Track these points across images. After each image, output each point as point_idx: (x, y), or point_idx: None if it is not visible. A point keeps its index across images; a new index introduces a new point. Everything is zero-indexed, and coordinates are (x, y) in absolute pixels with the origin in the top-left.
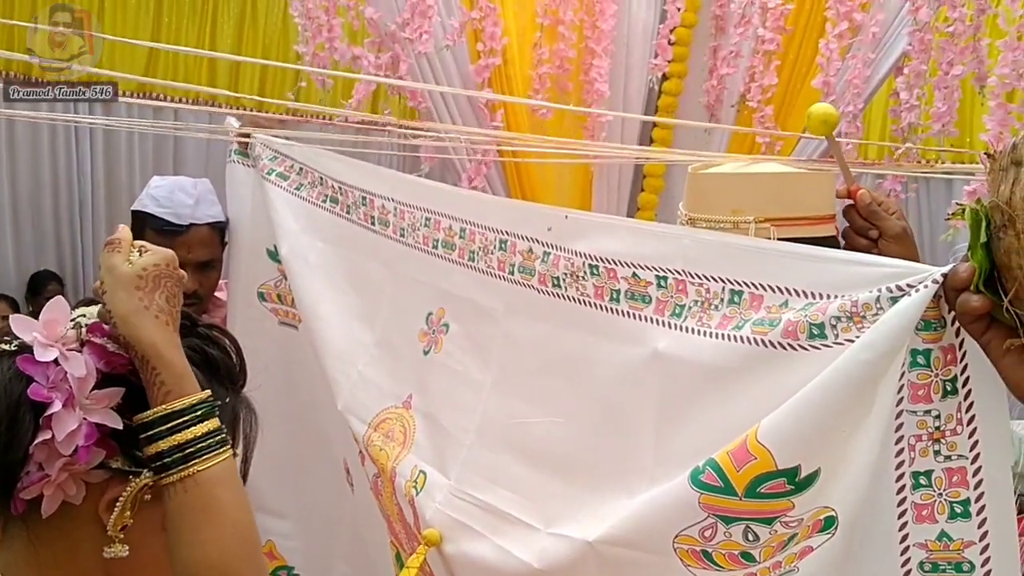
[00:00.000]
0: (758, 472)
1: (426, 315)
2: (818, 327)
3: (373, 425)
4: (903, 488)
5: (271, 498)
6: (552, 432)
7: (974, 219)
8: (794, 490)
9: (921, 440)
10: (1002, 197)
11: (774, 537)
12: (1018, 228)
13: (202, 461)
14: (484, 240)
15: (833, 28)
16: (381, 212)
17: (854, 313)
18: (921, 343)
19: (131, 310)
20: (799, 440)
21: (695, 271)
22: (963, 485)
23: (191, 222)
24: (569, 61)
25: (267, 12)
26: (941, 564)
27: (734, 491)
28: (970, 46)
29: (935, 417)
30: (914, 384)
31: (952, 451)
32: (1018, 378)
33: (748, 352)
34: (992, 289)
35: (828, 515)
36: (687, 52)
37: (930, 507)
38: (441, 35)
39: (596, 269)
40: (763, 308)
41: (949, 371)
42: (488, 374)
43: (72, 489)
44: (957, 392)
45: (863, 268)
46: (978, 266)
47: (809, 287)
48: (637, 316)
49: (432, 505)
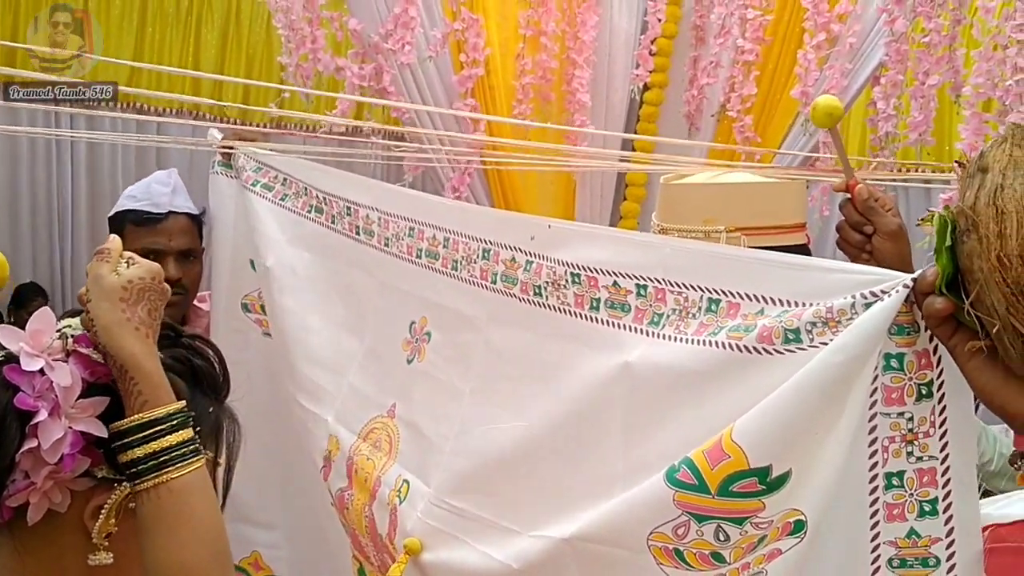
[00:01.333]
0: (731, 471)
1: (409, 324)
2: (793, 332)
3: (362, 435)
4: (876, 488)
5: (256, 509)
6: (527, 437)
7: (941, 224)
8: (765, 490)
9: (894, 442)
10: (967, 203)
11: (744, 538)
12: (980, 232)
13: (176, 469)
14: (467, 249)
15: (811, 39)
16: (366, 222)
17: (829, 318)
18: (894, 347)
19: (113, 321)
20: (771, 440)
21: (675, 279)
22: (932, 485)
23: (170, 210)
24: (551, 72)
25: (251, 22)
26: (909, 560)
27: (708, 489)
28: (946, 56)
29: (908, 419)
30: (888, 387)
31: (924, 452)
32: (982, 382)
33: (722, 356)
34: (956, 293)
35: (798, 518)
36: (668, 62)
37: (901, 507)
38: (424, 46)
39: (578, 278)
40: (739, 315)
41: (924, 375)
42: (468, 382)
43: (58, 497)
44: (932, 395)
45: (839, 275)
46: (941, 270)
47: (786, 295)
48: (616, 324)
49: (413, 515)
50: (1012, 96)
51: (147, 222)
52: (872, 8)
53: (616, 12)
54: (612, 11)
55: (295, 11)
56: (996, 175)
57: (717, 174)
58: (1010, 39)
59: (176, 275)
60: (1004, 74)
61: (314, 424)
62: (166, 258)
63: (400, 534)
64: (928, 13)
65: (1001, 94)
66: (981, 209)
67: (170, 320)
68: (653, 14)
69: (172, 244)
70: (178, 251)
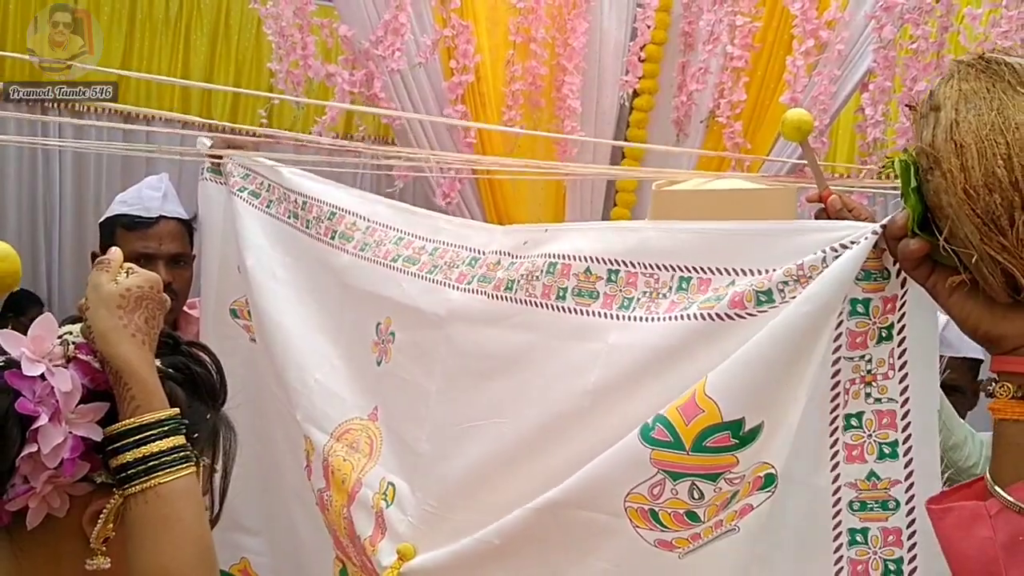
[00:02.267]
0: (705, 425)
1: (375, 325)
2: (765, 293)
3: (335, 435)
4: (836, 430)
5: (244, 515)
6: (501, 433)
7: (903, 167)
8: (738, 444)
9: (854, 383)
10: (925, 141)
11: (718, 495)
12: (944, 168)
13: (164, 474)
14: (455, 256)
15: (800, 45)
16: (348, 228)
17: (800, 276)
18: (861, 292)
19: (110, 327)
20: (744, 392)
21: (648, 261)
22: (892, 428)
23: (160, 214)
24: (541, 78)
25: (240, 29)
26: (868, 503)
27: (682, 445)
28: (933, 63)
29: (867, 361)
30: (852, 332)
31: (883, 394)
32: (965, 313)
33: (695, 327)
34: (929, 232)
35: (768, 472)
36: (657, 69)
37: (860, 448)
38: (414, 52)
39: (553, 267)
40: (710, 290)
41: (886, 319)
42: (432, 381)
43: (56, 502)
44: (892, 338)
45: (808, 235)
46: (911, 210)
47: (757, 264)
48: (583, 311)
49: (404, 519)
50: None
51: (138, 226)
52: (860, 15)
53: (606, 19)
54: (602, 18)
55: (285, 17)
56: (949, 111)
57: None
58: (996, 46)
59: (166, 279)
60: None
61: (294, 425)
62: (156, 262)
63: (390, 538)
64: (916, 20)
65: None
66: (940, 146)
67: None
68: (642, 21)
69: (163, 248)
70: (168, 255)
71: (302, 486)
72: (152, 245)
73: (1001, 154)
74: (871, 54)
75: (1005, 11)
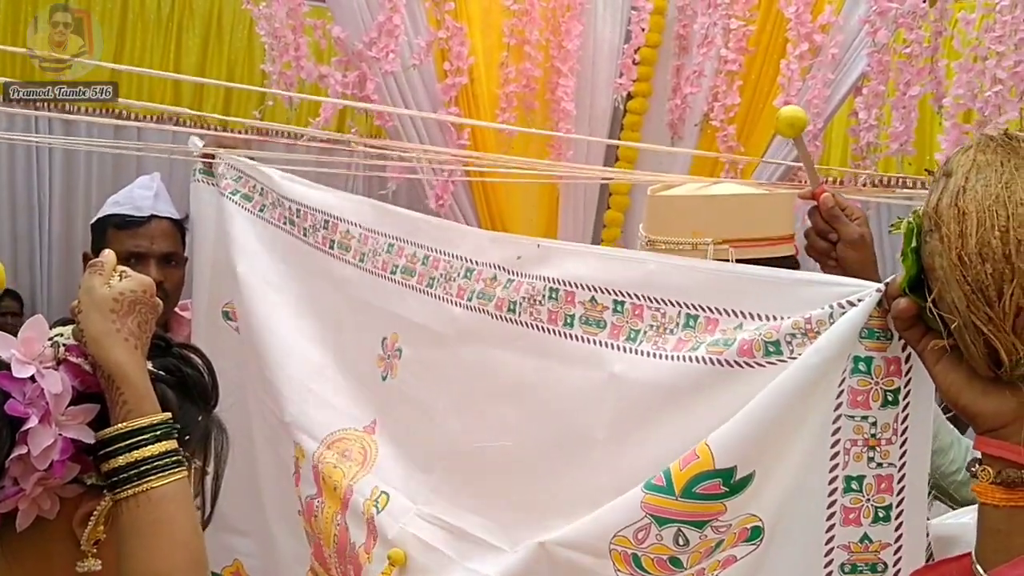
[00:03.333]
0: (698, 471)
1: (381, 340)
2: (774, 344)
3: (326, 443)
4: (835, 491)
5: (236, 516)
6: (508, 455)
7: (908, 228)
8: (728, 492)
9: (856, 445)
10: (930, 204)
11: (703, 542)
12: (942, 232)
13: (156, 479)
14: (448, 267)
15: (794, 49)
16: (344, 237)
17: (808, 329)
18: (864, 351)
19: (102, 331)
20: (741, 442)
21: (654, 295)
22: (888, 492)
23: (152, 213)
24: (535, 80)
25: (232, 30)
26: (859, 565)
27: (673, 490)
28: (927, 67)
29: (872, 424)
30: (854, 390)
31: (885, 459)
32: (948, 383)
33: (704, 371)
34: (921, 294)
35: (755, 524)
36: (651, 72)
37: (857, 511)
38: (408, 54)
39: (556, 293)
40: (718, 331)
41: (892, 382)
42: (440, 399)
43: (47, 504)
44: (898, 403)
45: (816, 288)
46: (906, 270)
47: (764, 310)
48: (591, 340)
49: (396, 525)
50: (991, 107)
51: (129, 225)
52: (854, 19)
53: (600, 21)
54: (596, 20)
55: (278, 18)
56: (959, 178)
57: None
58: (989, 51)
59: (158, 278)
60: (984, 85)
61: (283, 430)
62: (148, 261)
63: (382, 544)
64: (910, 24)
65: (981, 105)
66: (944, 210)
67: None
68: (637, 23)
69: (154, 247)
70: (160, 255)
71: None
72: (143, 244)
73: (1000, 225)
74: (865, 58)
75: (999, 16)
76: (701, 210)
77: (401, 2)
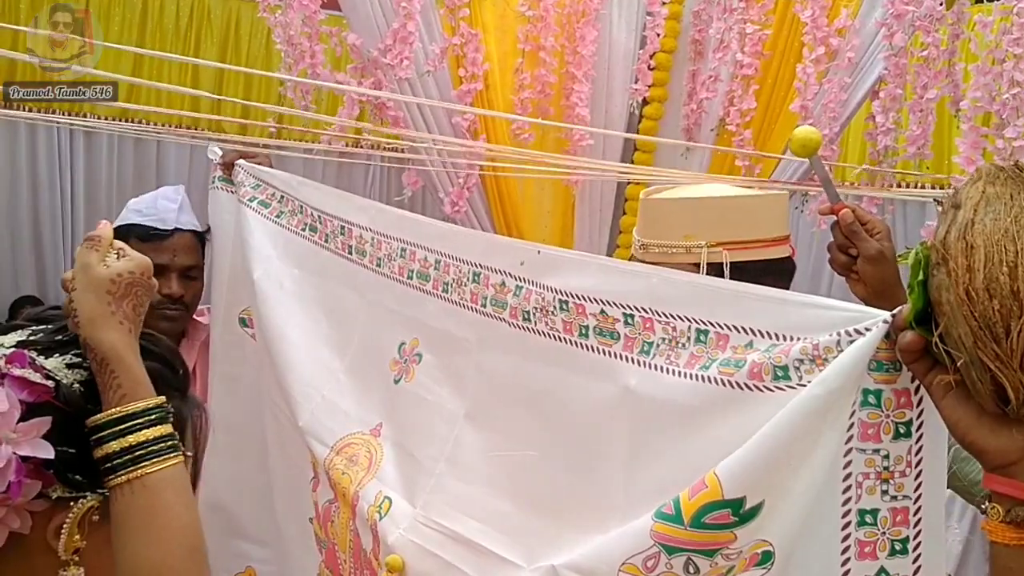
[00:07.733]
0: (706, 501)
1: (399, 344)
2: (782, 369)
3: (336, 449)
4: (848, 525)
5: (250, 524)
6: (527, 465)
7: (915, 260)
8: (737, 522)
9: (868, 478)
10: (939, 237)
11: (713, 570)
12: (950, 266)
13: (151, 464)
14: (458, 272)
15: (810, 53)
16: (359, 242)
17: (816, 356)
18: (873, 383)
19: (98, 313)
20: (749, 472)
21: (662, 309)
22: (905, 524)
23: (176, 226)
24: (550, 86)
25: (250, 38)
26: None
27: (682, 520)
28: (944, 70)
29: (884, 457)
30: (864, 423)
31: (899, 492)
32: (955, 419)
33: (716, 393)
34: (928, 327)
35: (765, 549)
36: (667, 77)
37: (873, 545)
38: (423, 61)
39: (566, 304)
40: (729, 348)
41: (903, 414)
42: (461, 405)
43: (16, 521)
44: (911, 435)
45: (822, 311)
46: (912, 304)
47: (772, 328)
48: (606, 352)
49: (396, 531)
50: (1009, 110)
51: (153, 238)
52: (871, 22)
53: (615, 27)
54: (611, 26)
55: (294, 26)
56: (968, 211)
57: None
58: (1007, 53)
59: (179, 292)
60: (1001, 88)
61: (298, 436)
62: (169, 275)
63: (383, 550)
64: (927, 27)
65: (998, 108)
66: (951, 243)
67: (169, 335)
68: (652, 29)
69: (176, 261)
70: (181, 268)
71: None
72: (166, 258)
73: (1008, 261)
74: (882, 61)
75: (1016, 18)
76: (693, 212)
77: (416, 9)
